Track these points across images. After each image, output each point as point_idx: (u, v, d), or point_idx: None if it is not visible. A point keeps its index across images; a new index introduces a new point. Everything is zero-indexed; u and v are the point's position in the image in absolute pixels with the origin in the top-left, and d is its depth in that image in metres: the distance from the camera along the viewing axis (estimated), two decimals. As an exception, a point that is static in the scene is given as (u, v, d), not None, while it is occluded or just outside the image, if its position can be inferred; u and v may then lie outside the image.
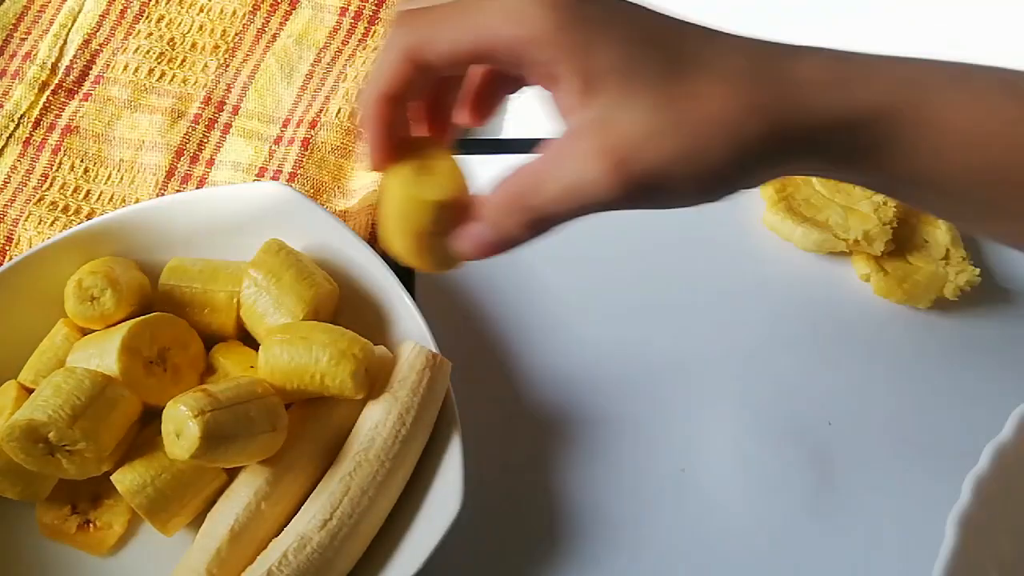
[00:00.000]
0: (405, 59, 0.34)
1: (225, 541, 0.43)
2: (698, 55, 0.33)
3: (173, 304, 0.49)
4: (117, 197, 0.58)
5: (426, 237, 0.36)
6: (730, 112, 0.32)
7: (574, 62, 0.32)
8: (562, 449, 0.50)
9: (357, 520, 0.43)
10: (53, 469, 0.44)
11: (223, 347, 0.49)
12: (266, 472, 0.44)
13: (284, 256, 0.49)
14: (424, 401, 0.45)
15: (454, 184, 0.36)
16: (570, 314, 0.53)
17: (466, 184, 0.36)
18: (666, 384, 0.51)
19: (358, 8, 0.64)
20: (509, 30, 0.32)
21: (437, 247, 0.36)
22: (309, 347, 0.44)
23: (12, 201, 0.57)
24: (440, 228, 0.36)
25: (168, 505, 0.44)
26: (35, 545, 0.46)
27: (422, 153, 0.36)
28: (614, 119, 0.32)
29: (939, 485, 0.47)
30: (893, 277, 0.53)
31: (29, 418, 0.42)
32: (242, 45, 0.63)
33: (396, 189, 0.36)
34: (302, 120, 0.60)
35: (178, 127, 0.60)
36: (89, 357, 0.46)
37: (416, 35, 0.34)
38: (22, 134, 0.59)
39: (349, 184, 0.58)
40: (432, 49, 0.34)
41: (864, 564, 0.47)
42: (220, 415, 0.42)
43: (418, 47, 0.34)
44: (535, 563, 0.48)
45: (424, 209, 0.35)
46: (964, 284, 0.53)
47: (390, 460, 0.44)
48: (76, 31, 0.63)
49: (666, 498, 0.48)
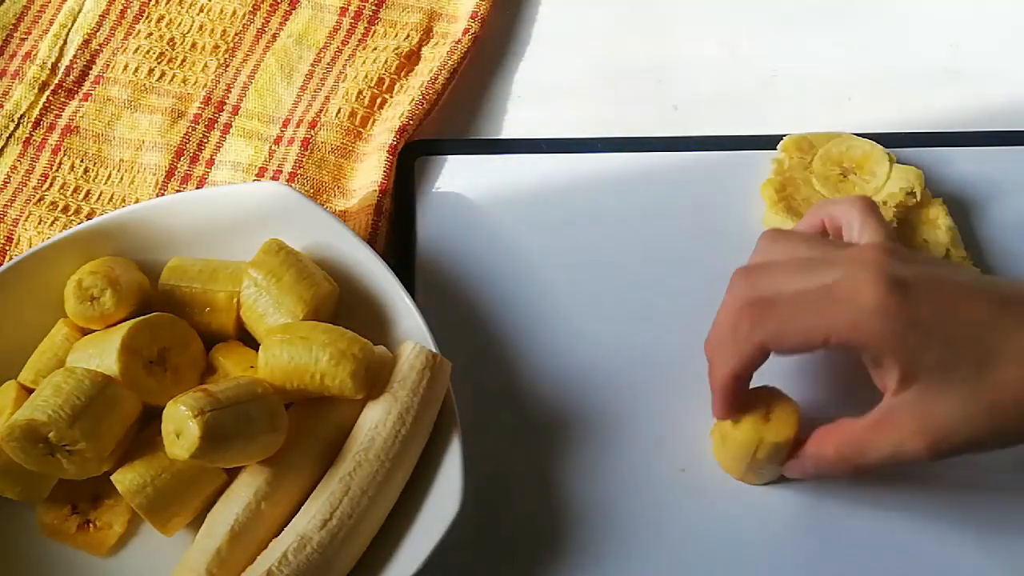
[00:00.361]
0: (759, 350, 0.42)
1: (225, 541, 0.43)
2: (1004, 348, 0.40)
3: (173, 304, 0.49)
4: (117, 197, 0.58)
5: (756, 465, 0.46)
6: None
7: (900, 359, 0.40)
8: (562, 449, 0.50)
9: (357, 520, 0.43)
10: (53, 469, 0.44)
11: (223, 347, 0.49)
12: (266, 472, 0.44)
13: (284, 256, 0.49)
14: (424, 401, 0.45)
15: (792, 428, 0.44)
16: (571, 314, 0.53)
17: (799, 424, 0.45)
18: (667, 384, 0.51)
19: (358, 8, 0.64)
20: (852, 335, 0.40)
21: (765, 470, 0.47)
22: (309, 347, 0.44)
23: (12, 201, 0.57)
24: (773, 459, 0.45)
25: (168, 505, 0.44)
26: (35, 545, 0.46)
27: (762, 399, 0.45)
28: (931, 407, 0.40)
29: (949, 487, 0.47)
30: (893, 277, 0.53)
31: (29, 418, 0.42)
32: (242, 45, 0.63)
33: (745, 431, 0.45)
34: (302, 120, 0.60)
35: (178, 127, 0.60)
36: (89, 357, 0.46)
37: (771, 332, 0.42)
38: (22, 134, 0.59)
39: (349, 184, 0.58)
40: (782, 343, 0.42)
41: (865, 563, 0.47)
42: (220, 415, 0.42)
43: (771, 342, 0.42)
44: (535, 563, 0.48)
45: (767, 447, 0.45)
46: (964, 284, 0.53)
47: (390, 460, 0.44)
48: (76, 31, 0.63)
49: (666, 498, 0.48)
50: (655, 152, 0.59)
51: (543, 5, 0.66)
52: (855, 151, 0.56)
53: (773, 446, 0.45)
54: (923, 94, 0.63)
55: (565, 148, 0.60)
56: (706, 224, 0.55)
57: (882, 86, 0.63)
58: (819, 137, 0.57)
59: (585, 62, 0.64)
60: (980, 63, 0.64)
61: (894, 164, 0.56)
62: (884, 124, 0.60)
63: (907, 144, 0.58)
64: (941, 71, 0.64)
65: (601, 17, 0.66)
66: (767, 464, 0.46)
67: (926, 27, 0.65)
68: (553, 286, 0.54)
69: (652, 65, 0.64)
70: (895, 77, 0.63)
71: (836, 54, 0.64)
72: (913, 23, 0.66)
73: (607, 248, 0.55)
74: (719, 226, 0.55)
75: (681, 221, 0.56)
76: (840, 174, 0.56)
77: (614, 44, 0.65)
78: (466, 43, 0.62)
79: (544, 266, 0.55)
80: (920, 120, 0.61)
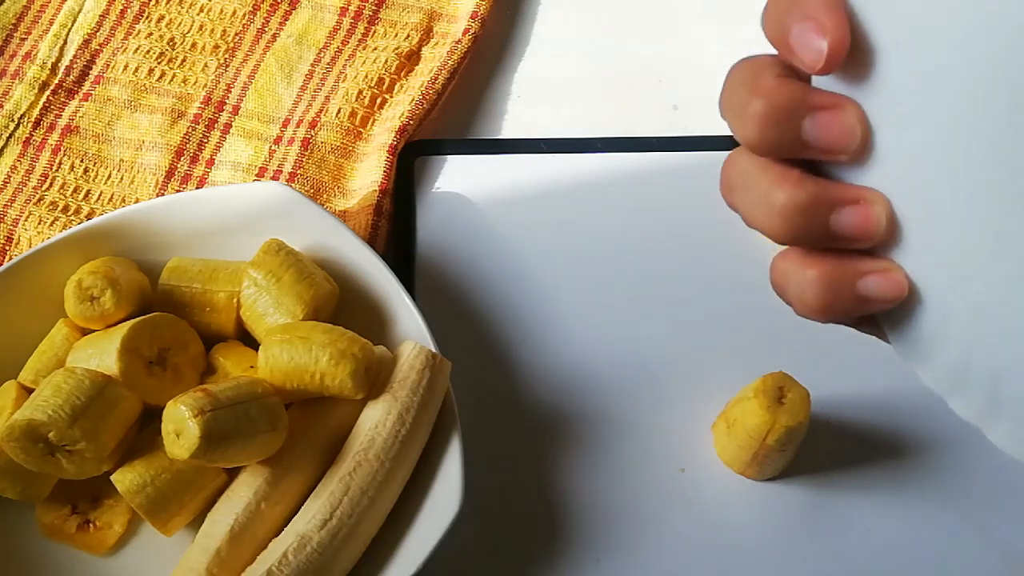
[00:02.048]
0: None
1: (225, 541, 0.43)
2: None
3: (173, 304, 0.49)
4: (117, 197, 0.58)
5: (764, 453, 0.46)
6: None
7: None
8: (562, 449, 0.50)
9: (357, 520, 0.43)
10: (53, 469, 0.44)
11: (223, 347, 0.49)
12: (266, 472, 0.44)
13: (284, 256, 0.49)
14: (424, 401, 0.45)
15: (805, 413, 0.45)
16: (571, 314, 0.53)
17: (810, 410, 0.45)
18: (666, 383, 0.51)
19: (358, 8, 0.64)
20: None
21: (769, 460, 0.46)
22: (309, 347, 0.44)
23: (12, 201, 0.57)
24: (783, 445, 0.45)
25: (168, 505, 0.44)
26: (35, 545, 0.46)
27: (776, 382, 0.45)
28: None
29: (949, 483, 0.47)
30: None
31: (29, 418, 0.42)
32: (242, 45, 0.63)
33: (758, 414, 0.44)
34: (302, 120, 0.60)
35: (178, 127, 0.60)
36: (89, 357, 0.46)
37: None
38: (22, 134, 0.59)
39: (349, 184, 0.58)
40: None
41: (867, 563, 0.47)
42: (220, 415, 0.42)
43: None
44: (535, 563, 0.48)
45: (779, 431, 0.44)
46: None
47: (390, 460, 0.44)
48: (76, 31, 0.63)
49: (665, 498, 0.48)
50: (655, 152, 0.59)
51: (543, 5, 0.66)
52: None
53: (785, 430, 0.44)
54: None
55: (565, 148, 0.60)
56: (706, 224, 0.55)
57: (882, 86, 0.63)
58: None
59: (585, 62, 0.64)
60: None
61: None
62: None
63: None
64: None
65: (601, 17, 0.66)
66: (775, 452, 0.46)
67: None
68: (553, 286, 0.54)
69: (652, 65, 0.64)
70: (895, 77, 0.63)
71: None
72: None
73: (607, 248, 0.55)
74: (719, 226, 0.55)
75: (681, 221, 0.56)
76: (840, 174, 0.56)
77: (614, 44, 0.65)
78: (466, 43, 0.62)
79: (544, 266, 0.55)
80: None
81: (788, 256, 0.29)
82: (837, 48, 0.26)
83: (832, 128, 0.27)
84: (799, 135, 0.27)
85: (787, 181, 0.28)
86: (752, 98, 0.28)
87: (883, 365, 0.52)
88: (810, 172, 0.28)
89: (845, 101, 0.27)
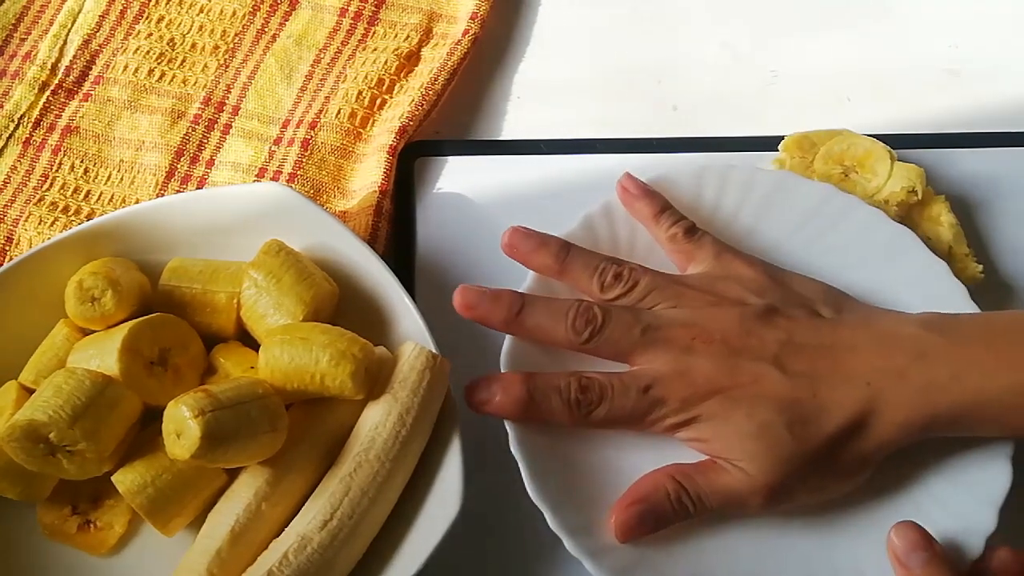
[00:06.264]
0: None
1: (225, 542, 0.43)
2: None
3: (173, 305, 0.49)
4: (117, 197, 0.58)
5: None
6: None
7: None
8: (562, 449, 0.50)
9: (357, 520, 0.43)
10: (53, 469, 0.44)
11: (223, 348, 0.49)
12: (266, 473, 0.44)
13: (284, 257, 0.49)
14: (424, 401, 0.45)
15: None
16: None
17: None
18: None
19: (358, 8, 0.64)
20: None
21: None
22: (309, 347, 0.44)
23: (12, 201, 0.57)
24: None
25: (168, 505, 0.44)
26: (35, 545, 0.46)
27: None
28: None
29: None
30: (894, 276, 0.53)
31: (29, 418, 0.42)
32: (242, 45, 0.63)
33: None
34: (302, 121, 0.60)
35: (178, 127, 0.60)
36: (89, 358, 0.46)
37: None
38: (22, 134, 0.59)
39: (349, 185, 0.58)
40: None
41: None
42: (221, 415, 0.42)
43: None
44: (535, 563, 0.48)
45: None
46: (968, 280, 0.53)
47: (390, 460, 0.44)
48: (76, 31, 0.63)
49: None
50: (655, 152, 0.59)
51: (543, 5, 0.66)
52: (856, 149, 0.56)
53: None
54: (923, 95, 0.63)
55: (565, 148, 0.60)
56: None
57: (882, 87, 0.63)
58: (820, 135, 0.57)
59: (585, 62, 0.64)
60: (980, 63, 0.64)
61: (895, 162, 0.56)
62: (884, 125, 0.60)
63: (907, 145, 0.58)
64: (941, 72, 0.64)
65: (601, 17, 0.66)
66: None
67: (926, 28, 0.65)
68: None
69: (652, 65, 0.64)
70: (895, 78, 0.63)
71: (836, 55, 0.64)
72: (913, 24, 0.66)
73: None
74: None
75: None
76: (842, 173, 0.56)
77: (614, 44, 0.65)
78: (466, 44, 0.62)
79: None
80: (920, 121, 0.61)
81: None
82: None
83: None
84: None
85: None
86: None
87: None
88: None
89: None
